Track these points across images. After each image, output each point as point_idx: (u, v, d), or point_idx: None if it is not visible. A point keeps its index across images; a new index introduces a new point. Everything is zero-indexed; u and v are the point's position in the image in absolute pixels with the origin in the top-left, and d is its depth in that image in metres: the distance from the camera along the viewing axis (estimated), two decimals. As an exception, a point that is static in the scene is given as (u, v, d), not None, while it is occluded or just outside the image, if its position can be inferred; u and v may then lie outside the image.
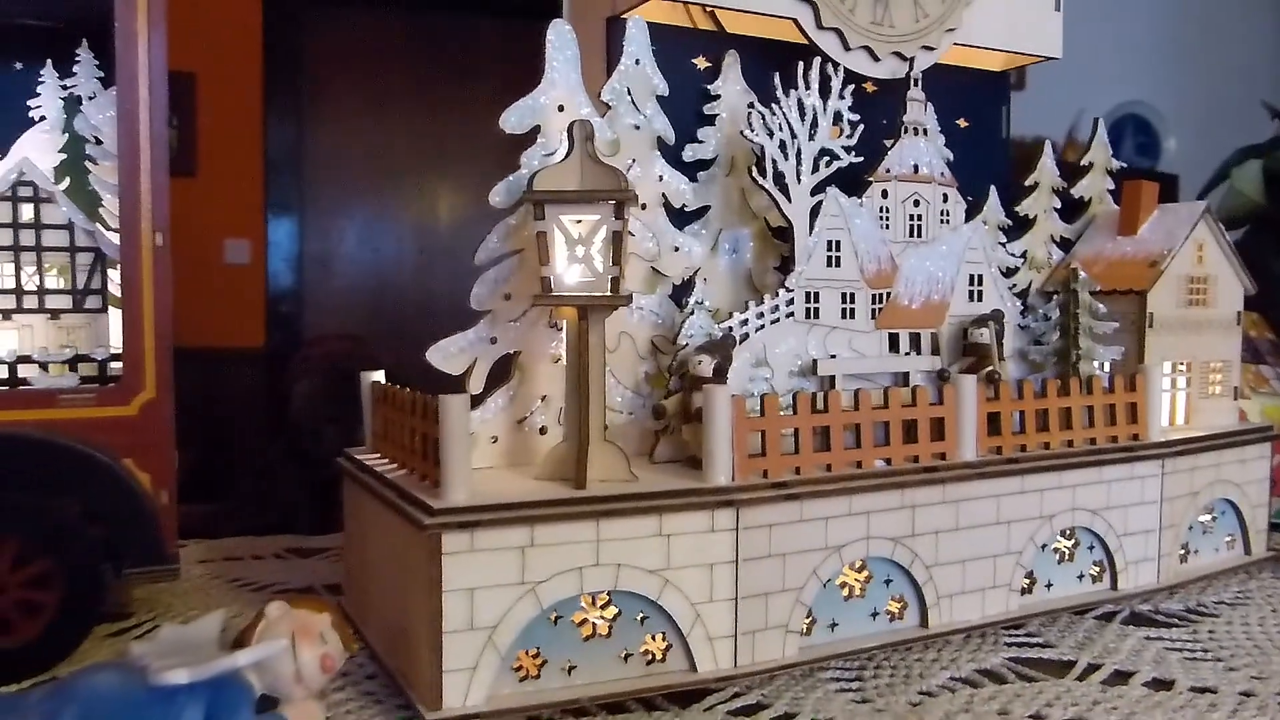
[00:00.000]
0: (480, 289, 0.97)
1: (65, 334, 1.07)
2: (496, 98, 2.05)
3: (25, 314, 1.05)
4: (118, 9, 0.97)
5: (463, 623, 0.81)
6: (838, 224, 1.07)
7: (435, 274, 2.06)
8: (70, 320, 1.07)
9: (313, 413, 2.64)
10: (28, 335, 1.05)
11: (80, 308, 1.06)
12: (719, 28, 1.16)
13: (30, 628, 0.93)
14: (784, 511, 0.92)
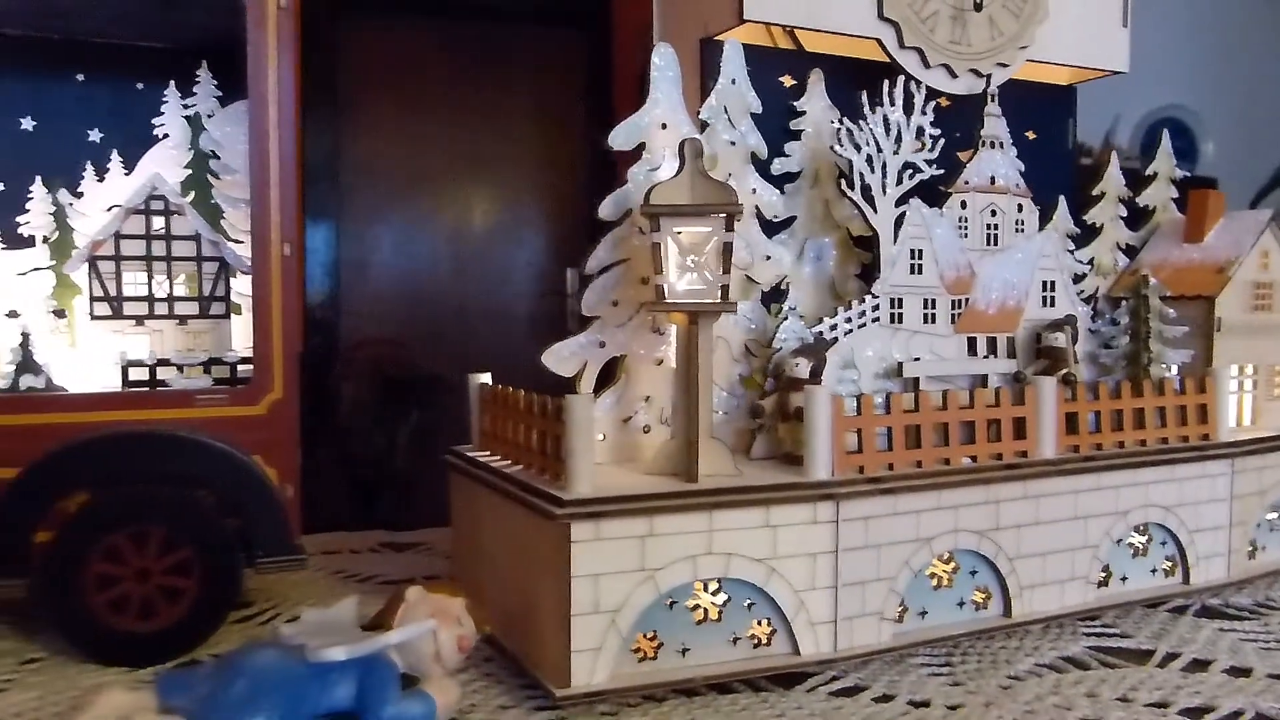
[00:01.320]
0: (590, 296, 1.03)
1: (192, 338, 1.14)
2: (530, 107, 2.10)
3: (156, 319, 1.12)
4: (250, 32, 1.04)
5: (589, 606, 0.87)
6: (920, 233, 1.13)
7: (469, 280, 2.12)
8: (196, 325, 1.14)
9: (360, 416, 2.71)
10: (158, 340, 1.12)
11: (206, 314, 1.13)
12: (798, 47, 1.22)
13: (172, 613, 1.00)
14: (879, 505, 0.98)
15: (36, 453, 0.97)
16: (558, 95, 2.05)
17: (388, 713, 0.82)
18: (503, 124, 2.04)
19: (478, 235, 2.08)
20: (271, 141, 1.05)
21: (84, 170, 1.18)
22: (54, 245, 1.13)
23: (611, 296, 1.03)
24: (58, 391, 1.02)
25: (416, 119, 1.98)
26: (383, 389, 1.93)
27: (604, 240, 1.03)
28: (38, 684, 0.93)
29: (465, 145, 2.03)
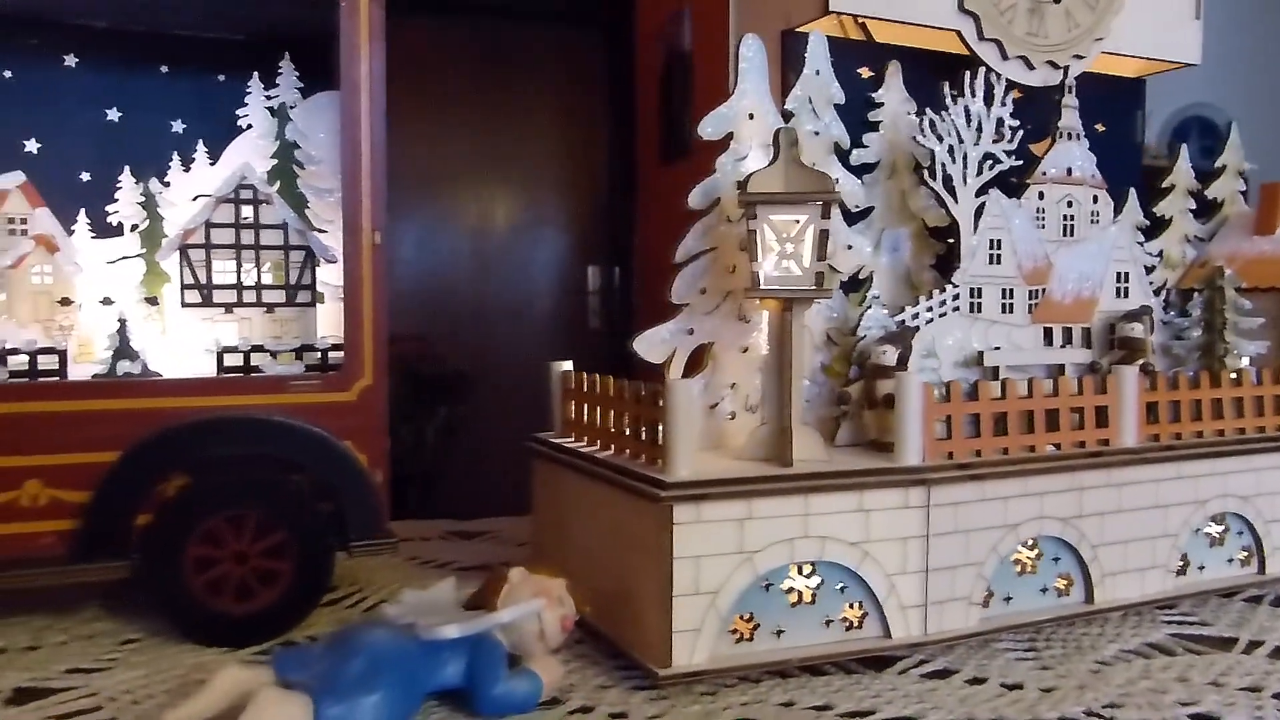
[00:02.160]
0: (679, 284, 1.04)
1: (278, 326, 1.15)
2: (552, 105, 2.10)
3: (244, 307, 1.13)
4: (343, 25, 1.05)
5: (689, 588, 0.88)
6: (999, 224, 1.14)
7: (491, 277, 2.13)
8: (283, 313, 1.15)
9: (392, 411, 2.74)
10: (246, 327, 1.14)
11: (292, 301, 1.15)
12: (868, 38, 1.23)
13: (268, 595, 1.02)
14: (968, 491, 0.99)
15: (135, 437, 0.99)
16: (579, 93, 2.06)
17: (497, 690, 0.84)
18: (524, 122, 2.05)
19: (499, 233, 2.09)
20: (363, 130, 1.07)
21: (170, 161, 1.20)
22: (144, 234, 1.15)
23: (700, 285, 1.04)
24: (153, 377, 1.03)
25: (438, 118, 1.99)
26: (410, 385, 1.95)
27: (692, 229, 1.04)
28: (142, 663, 0.95)
29: (487, 144, 2.04)
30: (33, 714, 0.84)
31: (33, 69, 1.18)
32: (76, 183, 1.19)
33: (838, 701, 0.88)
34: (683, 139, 1.34)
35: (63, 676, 0.92)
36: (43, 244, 1.10)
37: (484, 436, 1.87)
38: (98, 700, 0.87)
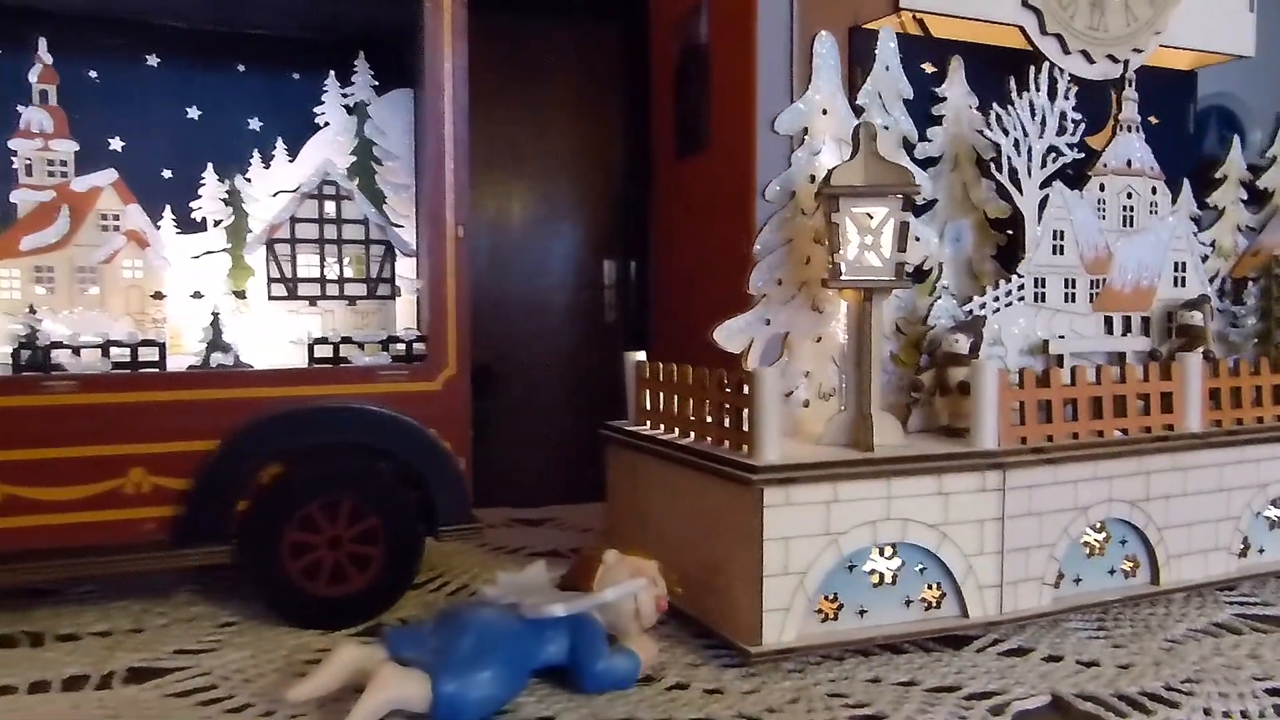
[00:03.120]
0: (756, 276, 1.07)
1: (360, 318, 1.18)
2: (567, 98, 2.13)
3: (327, 300, 1.16)
4: (427, 24, 1.08)
5: (779, 568, 0.92)
6: (1062, 215, 1.17)
7: (507, 272, 2.16)
8: (364, 306, 1.18)
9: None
10: (329, 319, 1.17)
11: (373, 294, 1.18)
12: (925, 33, 1.25)
13: (360, 579, 1.05)
14: (1041, 474, 1.02)
15: (233, 426, 1.02)
16: (594, 87, 2.08)
17: (599, 667, 0.87)
18: (539, 116, 2.08)
19: (515, 227, 2.11)
20: (446, 127, 1.10)
21: (251, 157, 1.23)
22: (229, 229, 1.18)
23: (776, 276, 1.07)
24: (244, 368, 1.07)
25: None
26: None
27: (769, 222, 1.07)
28: (245, 644, 0.98)
29: (502, 137, 2.07)
30: (152, 691, 0.88)
31: (117, 69, 1.20)
32: (159, 179, 1.22)
33: (922, 678, 0.91)
34: (699, 133, 1.37)
35: (172, 657, 0.95)
36: (134, 239, 1.13)
37: (516, 428, 1.89)
38: (211, 679, 0.90)
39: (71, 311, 1.11)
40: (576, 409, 2.55)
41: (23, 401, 0.97)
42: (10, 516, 0.96)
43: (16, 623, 1.04)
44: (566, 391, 1.92)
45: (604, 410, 1.22)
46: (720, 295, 1.14)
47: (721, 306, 1.09)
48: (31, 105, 1.12)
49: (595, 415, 1.23)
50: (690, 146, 1.42)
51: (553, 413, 1.87)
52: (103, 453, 0.99)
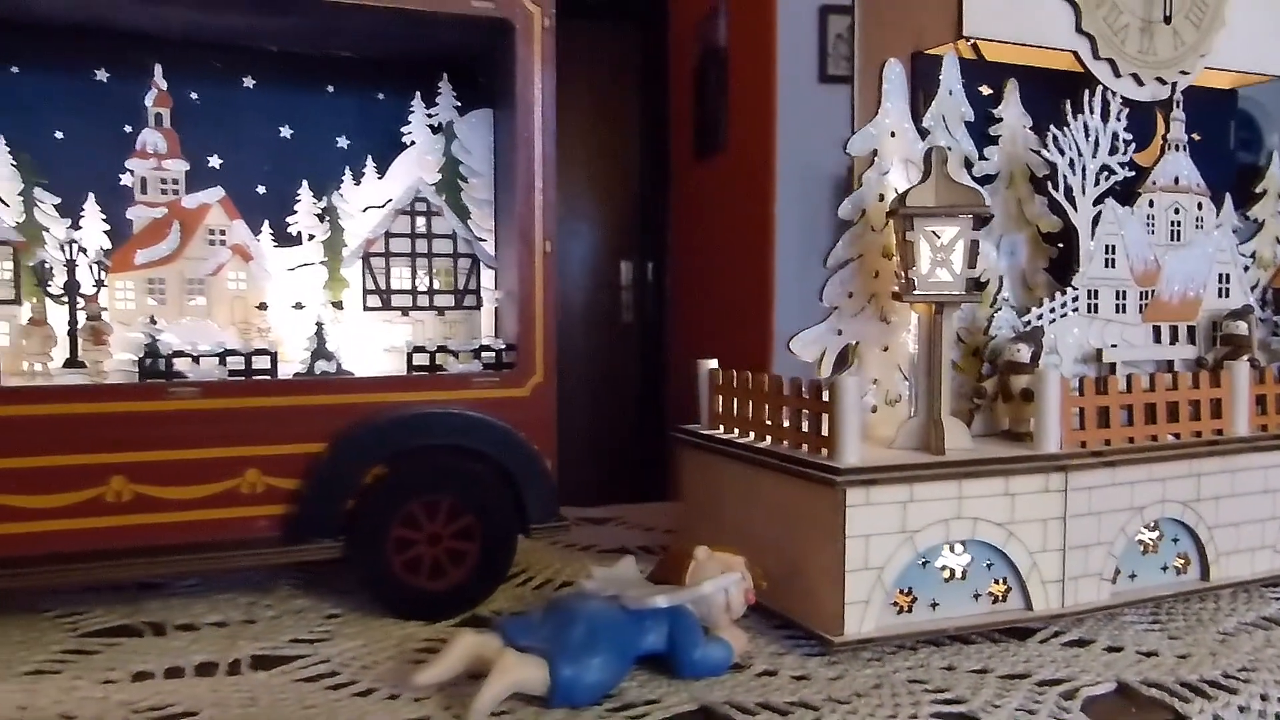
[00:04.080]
0: (829, 289, 1.13)
1: (448, 328, 1.25)
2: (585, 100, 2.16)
3: (418, 310, 1.23)
4: (519, 49, 1.15)
5: (860, 564, 0.98)
6: (1114, 230, 1.23)
7: None
8: (452, 316, 1.25)
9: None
10: (419, 329, 1.24)
11: (460, 305, 1.25)
12: (979, 57, 1.31)
13: (458, 574, 1.12)
14: (1100, 476, 1.08)
15: (338, 429, 1.09)
16: (612, 89, 2.13)
17: (696, 655, 0.94)
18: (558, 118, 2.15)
19: None
20: (536, 148, 1.17)
21: (343, 174, 1.29)
22: (326, 244, 1.25)
23: (848, 289, 1.14)
24: (346, 375, 1.13)
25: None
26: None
27: (842, 238, 1.14)
28: (354, 634, 1.05)
29: None
30: (281, 677, 0.94)
31: (216, 91, 1.27)
32: (255, 195, 1.29)
33: (994, 666, 0.98)
34: (717, 135, 1.42)
35: (290, 645, 1.02)
36: (238, 253, 1.20)
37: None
38: (332, 665, 0.97)
39: (181, 321, 1.18)
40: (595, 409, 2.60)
41: (150, 407, 1.03)
42: (139, 514, 1.03)
43: (134, 614, 1.11)
44: (585, 391, 1.97)
45: (622, 410, 1.28)
46: (738, 295, 1.19)
47: (739, 307, 1.15)
48: (147, 127, 1.19)
49: (612, 415, 1.29)
50: (708, 148, 1.47)
51: (573, 412, 1.93)
52: (221, 454, 1.06)
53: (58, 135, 1.21)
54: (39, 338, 1.07)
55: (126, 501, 1.03)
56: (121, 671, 0.95)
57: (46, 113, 1.21)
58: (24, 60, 1.20)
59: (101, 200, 1.20)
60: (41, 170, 1.17)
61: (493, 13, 1.14)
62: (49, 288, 1.10)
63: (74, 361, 1.10)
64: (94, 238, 1.17)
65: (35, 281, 1.10)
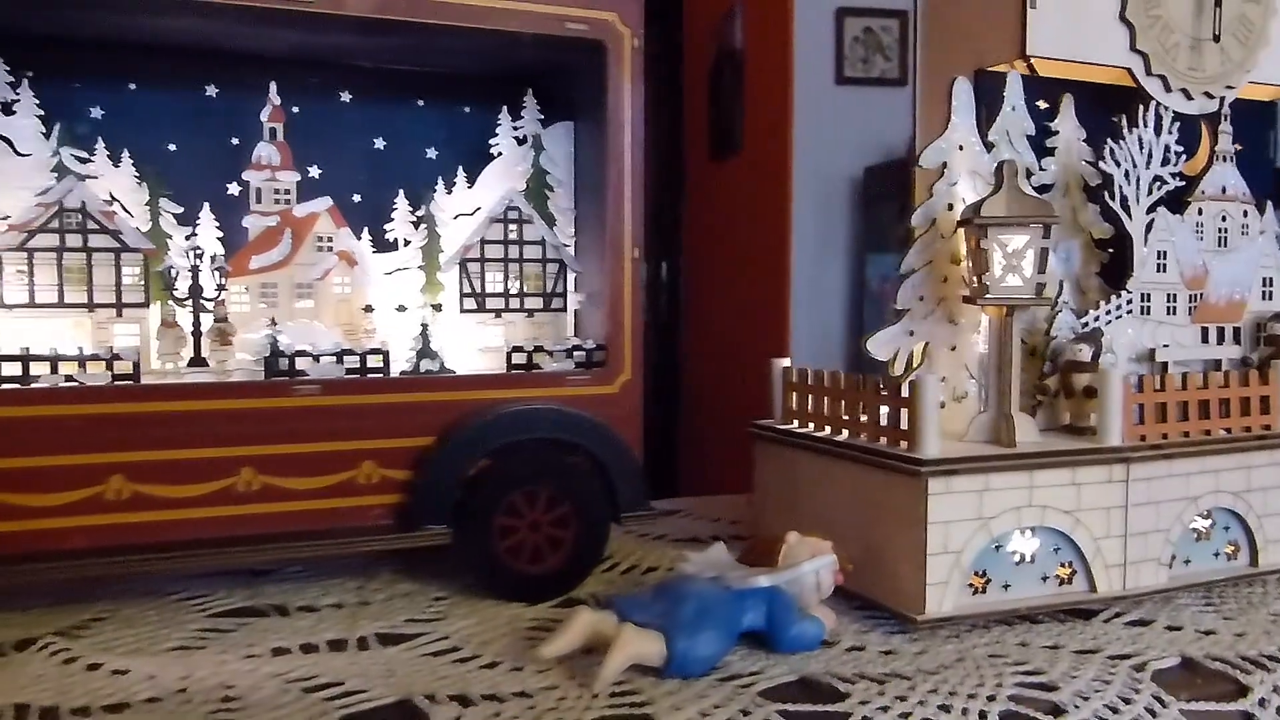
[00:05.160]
0: (903, 293, 1.21)
1: (536, 329, 1.33)
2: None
3: (510, 312, 1.31)
4: (610, 69, 1.23)
5: (940, 548, 1.06)
6: (1165, 237, 1.31)
7: None
8: (540, 317, 1.33)
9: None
10: (511, 330, 1.32)
11: (548, 307, 1.33)
12: (1033, 72, 1.39)
13: (555, 559, 1.20)
14: (1158, 468, 1.16)
15: (445, 424, 1.17)
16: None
17: (793, 631, 1.02)
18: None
19: None
20: (626, 161, 1.25)
21: (436, 184, 1.37)
22: (424, 249, 1.33)
23: (919, 293, 1.22)
24: (450, 374, 1.21)
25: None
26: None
27: (914, 246, 1.21)
28: (464, 614, 1.13)
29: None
30: (409, 652, 1.02)
31: (315, 105, 1.35)
32: (351, 204, 1.36)
33: (1065, 642, 1.05)
34: (733, 136, 1.48)
35: (406, 625, 1.10)
36: (344, 259, 1.28)
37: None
38: (452, 642, 1.05)
39: (290, 323, 1.26)
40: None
41: (277, 403, 1.11)
42: (267, 503, 1.11)
43: (254, 597, 1.19)
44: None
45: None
46: (753, 295, 1.26)
47: (754, 306, 1.23)
48: (262, 141, 1.27)
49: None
50: (724, 149, 1.53)
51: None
52: (340, 448, 1.14)
53: (171, 148, 1.29)
54: (171, 338, 1.14)
55: (255, 491, 1.10)
56: (261, 647, 1.03)
57: (161, 127, 1.29)
58: (141, 78, 1.28)
59: (215, 209, 1.28)
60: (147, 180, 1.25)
61: (586, 34, 1.22)
62: (175, 292, 1.18)
63: (198, 360, 1.18)
64: (209, 245, 1.25)
65: (162, 286, 1.18)
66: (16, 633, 1.05)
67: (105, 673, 0.95)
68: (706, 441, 3.55)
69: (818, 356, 3.37)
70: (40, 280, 1.13)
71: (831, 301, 3.51)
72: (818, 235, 3.49)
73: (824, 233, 3.51)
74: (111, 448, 1.05)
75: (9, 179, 1.16)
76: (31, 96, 1.18)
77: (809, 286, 3.44)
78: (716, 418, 3.42)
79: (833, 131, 3.45)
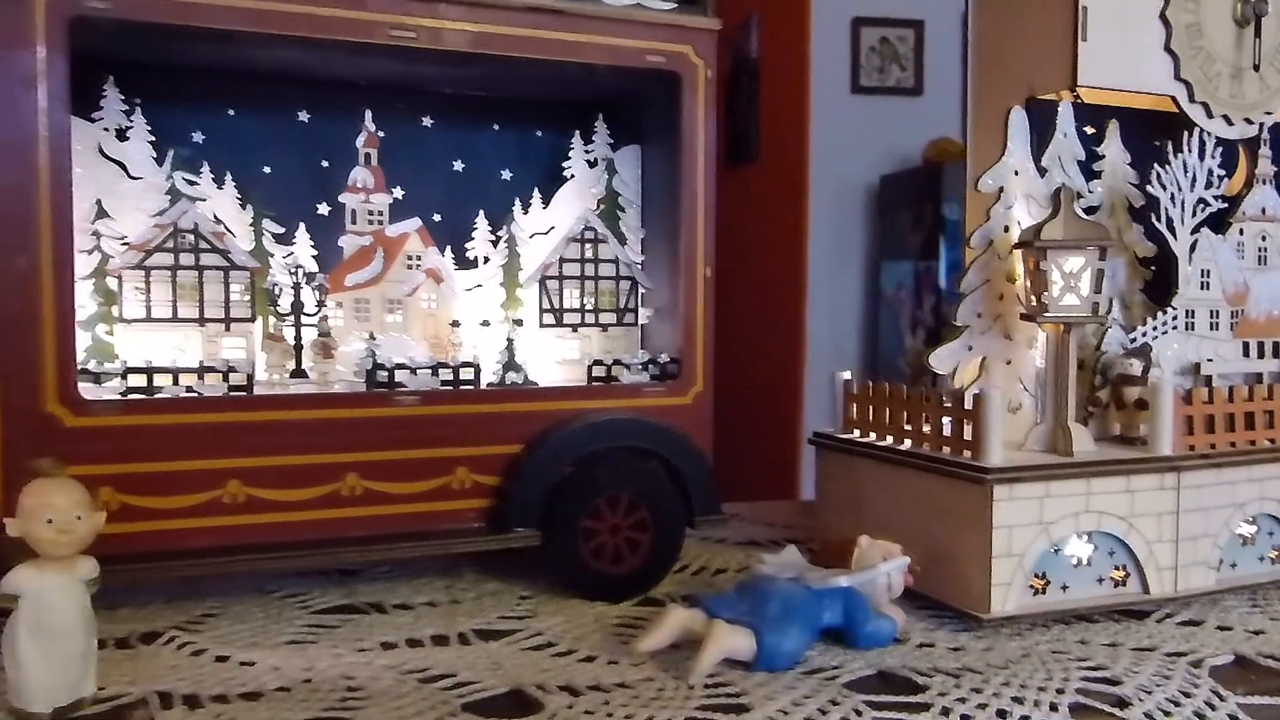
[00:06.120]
0: (962, 310, 1.28)
1: (610, 342, 1.40)
2: None
3: (586, 327, 1.39)
4: (684, 98, 1.30)
5: (1004, 551, 1.13)
6: (1208, 256, 1.38)
7: None
8: (613, 332, 1.40)
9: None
10: (586, 344, 1.39)
11: (620, 322, 1.40)
12: (1077, 99, 1.46)
13: (634, 560, 1.27)
14: (1207, 476, 1.22)
15: (532, 432, 1.24)
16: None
17: (869, 628, 1.09)
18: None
19: None
20: (699, 185, 1.32)
21: (513, 205, 1.44)
22: (505, 267, 1.40)
23: (977, 310, 1.29)
24: (534, 385, 1.28)
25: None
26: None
27: (973, 266, 1.28)
28: (552, 613, 1.20)
29: None
30: (509, 647, 1.09)
31: (399, 129, 1.43)
32: (432, 223, 1.43)
33: (1122, 640, 1.12)
34: (749, 144, 1.54)
35: (500, 621, 1.17)
36: (431, 276, 1.36)
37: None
38: (547, 638, 1.12)
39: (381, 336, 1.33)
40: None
41: (379, 412, 1.19)
42: (369, 506, 1.18)
43: (349, 596, 1.26)
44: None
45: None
46: (770, 302, 1.33)
47: (771, 313, 1.30)
48: (357, 165, 1.35)
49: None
50: (740, 158, 1.59)
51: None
52: (436, 454, 1.21)
53: (266, 170, 1.37)
54: (278, 351, 1.22)
55: (359, 495, 1.18)
56: (369, 642, 1.10)
57: (257, 150, 1.36)
58: (238, 104, 1.35)
59: (309, 229, 1.36)
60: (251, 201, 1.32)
61: (664, 66, 1.29)
62: (278, 307, 1.25)
63: (299, 372, 1.25)
64: (306, 263, 1.32)
65: (267, 302, 1.25)
66: (140, 626, 1.12)
67: (234, 664, 1.03)
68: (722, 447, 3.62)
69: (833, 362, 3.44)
70: (155, 296, 1.20)
71: (847, 307, 3.58)
72: (833, 242, 3.56)
73: (839, 240, 3.58)
74: (229, 454, 1.13)
75: (124, 200, 1.24)
76: (144, 123, 1.26)
77: (825, 293, 3.51)
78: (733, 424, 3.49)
79: (848, 140, 3.53)
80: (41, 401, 1.05)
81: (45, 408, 1.05)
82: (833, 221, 3.54)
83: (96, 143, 1.23)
